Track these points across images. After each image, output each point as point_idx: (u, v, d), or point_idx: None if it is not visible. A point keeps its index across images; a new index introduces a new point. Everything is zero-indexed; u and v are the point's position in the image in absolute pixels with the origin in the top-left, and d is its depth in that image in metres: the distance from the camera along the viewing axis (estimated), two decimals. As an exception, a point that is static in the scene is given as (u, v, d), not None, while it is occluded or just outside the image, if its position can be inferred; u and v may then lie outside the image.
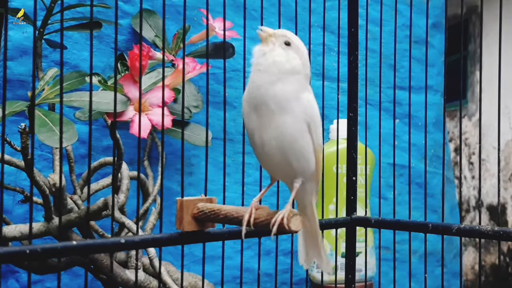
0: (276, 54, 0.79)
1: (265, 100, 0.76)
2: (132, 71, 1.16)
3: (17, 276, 1.36)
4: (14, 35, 1.35)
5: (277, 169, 0.82)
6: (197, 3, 1.50)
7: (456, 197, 2.12)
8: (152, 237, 0.88)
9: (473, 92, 3.84)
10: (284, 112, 0.76)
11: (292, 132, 0.77)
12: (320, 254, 0.92)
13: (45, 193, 1.14)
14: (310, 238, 0.91)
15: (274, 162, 0.80)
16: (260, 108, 0.77)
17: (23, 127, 1.03)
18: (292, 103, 0.77)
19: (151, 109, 1.15)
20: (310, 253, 0.92)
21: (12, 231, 1.17)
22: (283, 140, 0.77)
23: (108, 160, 1.33)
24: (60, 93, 0.80)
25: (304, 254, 0.92)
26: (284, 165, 0.79)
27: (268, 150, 0.78)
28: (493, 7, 1.66)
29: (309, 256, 0.92)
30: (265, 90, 0.77)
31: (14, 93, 1.32)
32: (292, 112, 0.77)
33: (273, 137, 0.77)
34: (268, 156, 0.79)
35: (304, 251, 0.92)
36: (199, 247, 1.51)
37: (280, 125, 0.77)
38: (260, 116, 0.77)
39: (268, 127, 0.77)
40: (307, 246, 0.92)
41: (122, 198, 1.23)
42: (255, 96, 0.77)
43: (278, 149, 0.78)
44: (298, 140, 0.78)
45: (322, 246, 0.92)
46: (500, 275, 3.50)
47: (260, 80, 0.77)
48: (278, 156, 0.78)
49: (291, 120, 0.77)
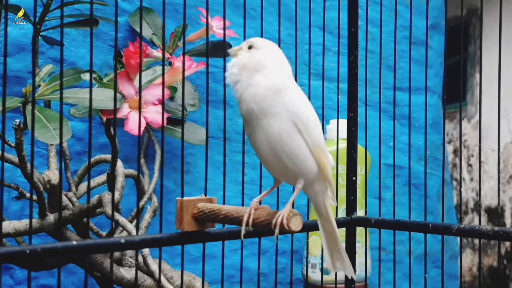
0: (240, 58, 0.80)
1: (246, 104, 0.77)
2: (127, 68, 1.15)
3: (12, 272, 1.35)
4: (11, 32, 1.34)
5: (277, 172, 0.82)
6: (195, 2, 1.49)
7: (453, 198, 2.12)
8: (152, 237, 0.87)
9: (472, 94, 3.84)
10: (266, 114, 0.76)
11: (279, 133, 0.77)
12: (342, 257, 0.91)
13: (39, 189, 1.14)
14: (331, 240, 0.90)
15: (272, 165, 0.80)
16: (247, 114, 0.78)
17: (18, 123, 1.02)
18: (270, 101, 0.77)
19: (146, 107, 1.14)
20: (334, 256, 0.91)
21: (6, 227, 1.17)
22: (272, 142, 0.77)
23: (103, 158, 1.33)
24: (60, 90, 0.79)
25: (330, 258, 0.92)
26: (281, 167, 0.79)
27: (263, 153, 0.79)
28: (493, 9, 1.66)
29: (334, 259, 0.92)
30: (243, 94, 0.78)
31: (11, 90, 1.31)
32: (275, 113, 0.77)
33: (264, 140, 0.77)
34: (265, 159, 0.80)
35: (329, 254, 0.91)
36: (194, 246, 1.50)
37: (265, 127, 0.77)
38: (248, 121, 0.78)
39: (257, 131, 0.78)
40: (330, 249, 0.91)
41: (117, 195, 1.22)
42: (239, 103, 0.79)
43: (270, 152, 0.78)
44: (287, 142, 0.77)
45: (342, 248, 0.91)
46: (498, 277, 3.50)
47: (237, 87, 0.79)
48: (273, 158, 0.79)
49: (275, 122, 0.77)
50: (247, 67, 0.79)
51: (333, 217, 0.89)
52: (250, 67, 0.79)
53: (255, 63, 0.79)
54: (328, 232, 0.90)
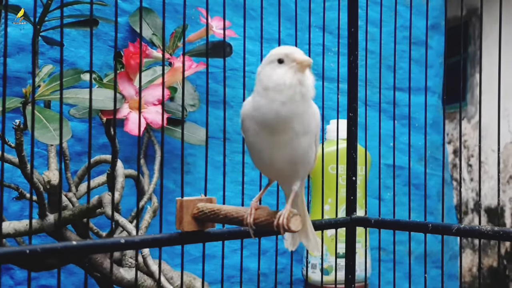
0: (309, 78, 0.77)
1: (287, 121, 0.75)
2: (127, 68, 1.15)
3: (12, 273, 1.35)
4: (11, 32, 1.34)
5: (280, 177, 0.83)
6: (194, 2, 1.49)
7: (454, 199, 2.12)
8: (152, 237, 0.87)
9: (472, 94, 3.84)
10: (306, 133, 0.77)
11: (305, 148, 0.78)
12: (308, 235, 0.91)
13: (39, 190, 1.14)
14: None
15: (281, 174, 0.81)
16: (276, 129, 0.75)
17: (18, 124, 1.02)
18: (311, 122, 0.77)
19: (146, 107, 1.14)
20: (296, 236, 0.92)
21: (6, 228, 1.17)
22: (295, 156, 0.77)
23: (103, 158, 1.33)
24: (60, 91, 0.79)
25: (290, 238, 0.92)
26: (291, 175, 0.80)
27: (279, 166, 0.79)
28: (493, 9, 1.66)
29: (295, 238, 0.92)
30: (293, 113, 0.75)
31: (11, 90, 1.31)
32: (311, 132, 0.78)
33: (286, 155, 0.77)
34: (277, 170, 0.80)
35: (290, 235, 0.92)
36: (194, 246, 1.50)
37: (297, 145, 0.76)
38: (274, 136, 0.76)
39: (283, 147, 0.77)
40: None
41: (117, 196, 1.22)
42: (272, 116, 0.75)
43: (289, 164, 0.78)
44: (308, 153, 0.79)
45: (310, 228, 0.91)
46: (498, 278, 3.50)
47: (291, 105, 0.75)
48: (287, 169, 0.79)
49: (306, 139, 0.77)
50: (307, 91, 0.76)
51: (305, 201, 0.90)
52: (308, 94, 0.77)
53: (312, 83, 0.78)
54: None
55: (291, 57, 0.76)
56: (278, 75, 0.75)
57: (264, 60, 0.79)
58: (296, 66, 0.75)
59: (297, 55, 0.76)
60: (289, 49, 0.77)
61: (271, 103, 0.75)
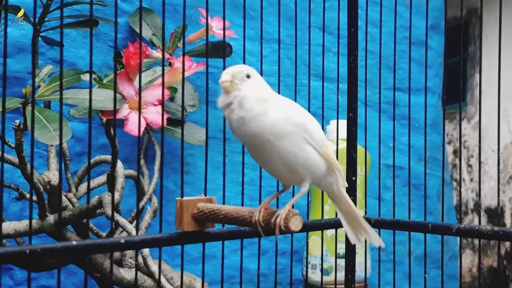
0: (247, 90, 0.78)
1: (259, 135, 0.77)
2: (127, 69, 1.15)
3: (12, 273, 1.35)
4: (11, 32, 1.34)
5: (287, 179, 0.84)
6: (194, 2, 1.49)
7: (453, 199, 2.12)
8: (152, 237, 0.87)
9: (472, 95, 3.84)
10: (281, 138, 0.77)
11: (293, 151, 0.78)
12: (366, 229, 0.93)
13: (39, 190, 1.13)
14: (352, 219, 0.92)
15: (285, 177, 0.82)
16: (258, 145, 0.78)
17: (18, 124, 1.02)
18: (283, 124, 0.78)
19: (146, 108, 1.14)
20: (356, 231, 0.93)
21: (6, 228, 1.17)
22: (287, 161, 0.78)
23: (103, 158, 1.33)
24: (60, 91, 0.79)
25: (353, 235, 0.93)
26: (294, 176, 0.81)
27: (277, 170, 0.80)
28: (493, 9, 1.66)
29: (357, 234, 0.93)
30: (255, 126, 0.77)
31: (11, 90, 1.31)
32: (287, 133, 0.78)
33: (279, 163, 0.79)
34: (277, 173, 0.81)
35: (352, 232, 0.93)
36: (194, 247, 1.50)
37: (280, 151, 0.77)
38: (260, 151, 0.79)
39: (269, 158, 0.78)
40: (352, 227, 0.93)
41: (117, 196, 1.22)
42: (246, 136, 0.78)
43: (285, 168, 0.79)
44: (301, 155, 0.79)
45: (364, 222, 0.93)
46: (498, 278, 3.50)
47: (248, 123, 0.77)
48: (287, 173, 0.80)
49: (287, 142, 0.78)
50: (260, 98, 0.77)
51: (349, 198, 0.91)
52: (261, 98, 0.77)
53: (262, 93, 0.78)
54: (347, 212, 0.92)
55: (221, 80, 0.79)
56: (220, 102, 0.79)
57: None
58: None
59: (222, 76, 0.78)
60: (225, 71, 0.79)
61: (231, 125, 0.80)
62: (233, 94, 0.77)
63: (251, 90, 0.77)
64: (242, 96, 0.77)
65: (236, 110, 0.77)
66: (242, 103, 0.77)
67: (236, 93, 0.77)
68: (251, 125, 0.76)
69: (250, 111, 0.76)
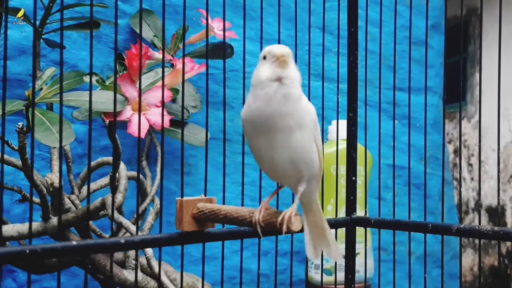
0: (295, 73, 0.77)
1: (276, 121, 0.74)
2: (130, 70, 1.16)
3: (15, 275, 1.36)
4: (12, 35, 1.35)
5: (286, 179, 0.82)
6: (195, 3, 1.50)
7: (454, 198, 2.12)
8: (152, 237, 0.88)
9: (472, 94, 3.84)
10: (301, 128, 0.76)
11: (303, 144, 0.77)
12: (329, 244, 0.91)
13: (42, 192, 1.14)
14: (317, 231, 0.90)
15: (284, 174, 0.80)
16: (270, 128, 0.75)
17: (21, 127, 1.03)
18: (305, 116, 0.77)
19: (149, 109, 1.15)
20: (317, 245, 0.92)
21: (9, 230, 1.17)
22: (295, 155, 0.77)
23: (106, 160, 1.33)
24: (60, 93, 0.80)
25: (311, 248, 0.91)
26: (294, 176, 0.80)
27: (281, 167, 0.78)
28: (493, 8, 1.66)
29: (317, 248, 0.92)
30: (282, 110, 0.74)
31: (12, 93, 1.32)
32: (306, 126, 0.77)
33: (285, 155, 0.76)
34: (278, 171, 0.79)
35: (311, 244, 0.91)
36: (196, 247, 1.51)
37: (294, 141, 0.76)
38: (269, 135, 0.76)
39: (281, 146, 0.76)
40: (313, 240, 0.91)
41: (120, 198, 1.22)
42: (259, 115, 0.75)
43: (290, 164, 0.77)
44: (308, 151, 0.78)
45: (331, 237, 0.91)
46: (499, 277, 3.50)
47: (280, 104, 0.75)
48: (289, 169, 0.78)
49: (304, 135, 0.77)
50: (300, 83, 0.77)
51: (321, 210, 0.90)
52: (301, 83, 0.77)
53: (300, 78, 0.78)
54: (316, 224, 0.89)
55: (272, 53, 0.77)
56: (260, 71, 0.76)
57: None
58: (275, 62, 0.76)
59: (276, 49, 0.76)
60: (272, 46, 0.77)
61: (256, 101, 0.75)
62: (287, 71, 0.75)
63: (296, 72, 0.77)
64: (293, 75, 0.76)
65: (286, 86, 0.75)
66: (291, 81, 0.75)
67: (289, 71, 0.76)
68: (288, 106, 0.75)
69: (295, 92, 0.75)
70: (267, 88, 0.75)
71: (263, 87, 0.75)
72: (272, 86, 0.75)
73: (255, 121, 0.76)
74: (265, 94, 0.75)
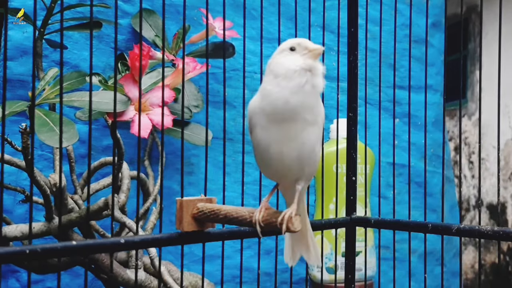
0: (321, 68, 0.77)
1: (297, 109, 0.74)
2: (132, 70, 1.16)
3: (18, 275, 1.36)
4: (14, 35, 1.35)
5: (287, 177, 0.81)
6: (196, 3, 1.50)
7: (456, 196, 2.12)
8: (152, 237, 0.88)
9: (472, 91, 3.84)
10: (314, 124, 0.76)
11: (314, 141, 0.77)
12: (309, 248, 0.90)
13: (45, 193, 1.14)
14: (297, 234, 0.89)
15: (287, 171, 0.79)
16: (285, 118, 0.75)
17: (24, 127, 1.03)
18: (321, 112, 0.77)
19: (152, 109, 1.15)
20: (296, 249, 0.91)
21: (13, 231, 1.17)
22: (303, 150, 0.76)
23: (108, 160, 1.33)
24: (60, 93, 0.80)
25: (289, 252, 0.91)
26: (296, 173, 0.79)
27: (288, 162, 0.77)
28: (493, 6, 1.67)
29: (295, 252, 0.91)
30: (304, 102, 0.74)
31: (15, 93, 1.32)
32: (318, 123, 0.77)
33: (295, 149, 0.76)
34: (284, 167, 0.78)
35: (290, 248, 0.91)
36: (199, 247, 1.50)
37: (306, 136, 0.76)
38: (283, 126, 0.75)
39: (293, 140, 0.76)
40: (293, 243, 0.91)
41: (123, 197, 1.23)
42: (281, 103, 0.74)
43: (297, 160, 0.77)
44: (315, 149, 0.78)
45: (311, 240, 0.90)
46: (500, 274, 3.50)
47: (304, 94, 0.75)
48: (295, 166, 0.78)
49: (315, 131, 0.77)
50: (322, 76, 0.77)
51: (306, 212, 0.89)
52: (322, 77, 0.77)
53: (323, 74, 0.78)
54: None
55: (303, 45, 0.77)
56: (289, 61, 0.76)
57: (275, 52, 0.79)
58: (308, 54, 0.76)
59: (309, 43, 0.77)
60: (301, 39, 0.78)
61: (281, 90, 0.74)
62: (317, 63, 0.76)
63: (321, 68, 0.77)
64: (322, 69, 0.77)
65: (315, 77, 0.75)
66: (319, 74, 0.76)
67: (320, 64, 0.77)
68: (313, 98, 0.75)
69: (321, 86, 0.76)
70: (298, 78, 0.74)
71: (293, 77, 0.75)
72: (304, 76, 0.75)
73: (276, 110, 0.75)
74: (296, 84, 0.74)
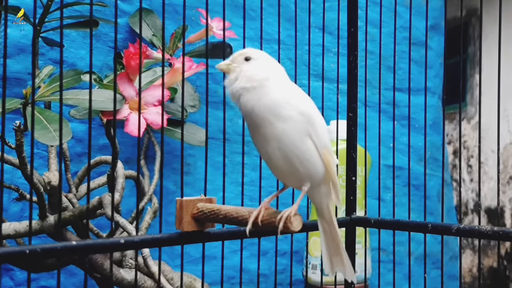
0: (244, 71, 0.81)
1: (259, 114, 0.78)
2: (127, 69, 1.15)
3: (12, 274, 1.35)
4: (11, 33, 1.34)
5: (286, 176, 0.82)
6: (195, 3, 1.49)
7: (454, 199, 2.12)
8: (152, 237, 0.87)
9: (472, 95, 3.84)
10: (280, 119, 0.77)
11: (292, 138, 0.78)
12: (343, 260, 0.91)
13: (39, 191, 1.13)
14: (332, 243, 0.90)
15: (283, 171, 0.81)
16: (257, 123, 0.78)
17: (18, 125, 1.02)
18: (284, 107, 0.78)
19: (146, 108, 1.14)
20: (334, 260, 0.91)
21: (6, 229, 1.17)
22: (284, 147, 0.78)
23: (103, 159, 1.33)
24: (60, 92, 0.79)
25: (328, 262, 0.91)
26: (291, 171, 0.80)
27: (275, 161, 0.80)
28: (493, 9, 1.66)
29: (333, 263, 0.91)
30: (254, 106, 0.78)
31: (11, 91, 1.31)
32: (288, 118, 0.78)
33: (276, 148, 0.78)
34: (276, 166, 0.80)
35: (328, 258, 0.91)
36: (194, 247, 1.50)
37: (278, 134, 0.77)
38: (259, 130, 0.79)
39: (269, 139, 0.78)
40: (330, 253, 0.91)
41: (117, 197, 1.22)
42: (249, 115, 0.79)
43: (282, 157, 0.79)
44: (298, 146, 0.78)
45: (344, 252, 0.91)
46: (498, 278, 3.50)
47: (245, 99, 0.79)
48: (284, 164, 0.79)
49: (288, 126, 0.78)
50: (255, 78, 0.79)
51: (335, 221, 0.89)
52: (258, 78, 0.79)
53: (262, 73, 0.80)
54: (329, 235, 0.90)
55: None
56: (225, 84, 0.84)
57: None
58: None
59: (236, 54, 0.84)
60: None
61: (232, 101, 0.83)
62: (233, 75, 0.81)
63: (246, 70, 0.81)
64: (236, 76, 0.81)
65: (232, 86, 0.81)
66: (236, 81, 0.81)
67: (235, 74, 0.81)
68: (248, 103, 0.79)
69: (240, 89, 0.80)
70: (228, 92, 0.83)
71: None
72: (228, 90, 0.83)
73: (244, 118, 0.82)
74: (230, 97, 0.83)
